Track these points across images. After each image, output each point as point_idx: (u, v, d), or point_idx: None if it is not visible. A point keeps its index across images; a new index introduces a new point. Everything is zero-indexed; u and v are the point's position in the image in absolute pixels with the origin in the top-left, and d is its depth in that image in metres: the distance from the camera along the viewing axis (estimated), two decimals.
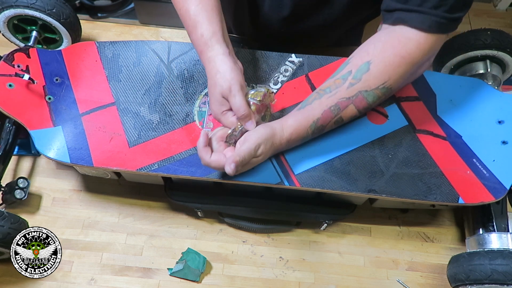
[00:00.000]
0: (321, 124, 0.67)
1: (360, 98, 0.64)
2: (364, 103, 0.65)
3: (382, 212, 0.88)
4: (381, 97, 0.65)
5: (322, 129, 0.68)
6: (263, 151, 0.65)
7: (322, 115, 0.66)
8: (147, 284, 0.79)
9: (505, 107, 0.79)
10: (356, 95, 0.64)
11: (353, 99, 0.65)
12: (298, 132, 0.67)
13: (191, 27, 0.66)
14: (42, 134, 0.73)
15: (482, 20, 1.19)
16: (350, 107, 0.65)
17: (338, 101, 0.65)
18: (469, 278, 0.69)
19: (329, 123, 0.68)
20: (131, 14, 1.09)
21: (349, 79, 0.64)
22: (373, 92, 0.64)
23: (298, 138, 0.68)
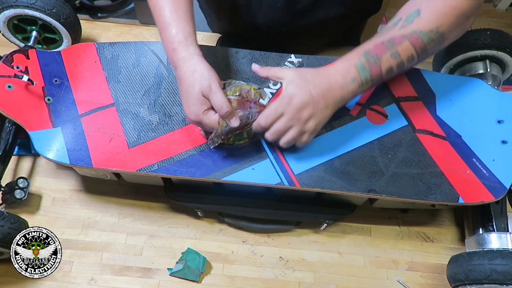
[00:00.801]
0: (375, 54, 0.64)
1: (415, 37, 0.63)
2: (419, 42, 0.63)
3: (382, 212, 0.88)
4: (435, 41, 0.64)
5: (377, 59, 0.64)
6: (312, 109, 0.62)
7: (375, 46, 0.64)
8: (147, 284, 0.79)
9: (504, 106, 0.79)
10: (411, 33, 0.63)
11: (408, 36, 0.63)
12: (348, 63, 0.64)
13: (165, 24, 0.66)
14: (41, 135, 0.73)
15: (482, 20, 1.19)
16: (405, 44, 0.64)
17: (392, 37, 0.64)
18: (469, 278, 0.69)
19: (385, 56, 0.64)
20: (131, 14, 1.09)
21: (400, 23, 0.64)
22: (428, 33, 0.63)
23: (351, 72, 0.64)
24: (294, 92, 0.62)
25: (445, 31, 0.64)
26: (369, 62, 0.63)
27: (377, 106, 0.78)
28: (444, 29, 0.63)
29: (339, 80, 0.64)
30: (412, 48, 0.64)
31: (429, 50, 0.65)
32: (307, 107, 0.62)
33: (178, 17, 0.66)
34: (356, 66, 0.64)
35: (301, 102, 0.62)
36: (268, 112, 0.64)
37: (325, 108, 0.64)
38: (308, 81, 0.63)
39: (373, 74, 0.64)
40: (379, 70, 0.64)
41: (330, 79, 0.64)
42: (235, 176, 0.71)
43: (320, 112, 0.64)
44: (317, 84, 0.63)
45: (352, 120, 0.77)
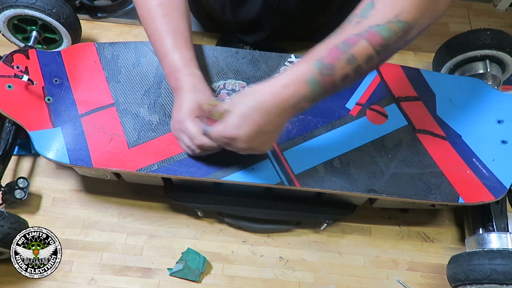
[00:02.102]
0: (329, 62, 0.54)
1: (372, 33, 0.53)
2: (378, 38, 0.53)
3: (382, 212, 0.88)
4: (398, 33, 0.54)
5: (331, 69, 0.54)
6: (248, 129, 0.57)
7: (328, 53, 0.55)
8: (147, 284, 0.79)
9: (504, 106, 0.79)
10: (367, 30, 0.54)
11: (363, 34, 0.54)
12: (299, 78, 0.55)
13: (166, 52, 0.70)
14: (41, 135, 0.73)
15: (482, 20, 1.19)
16: (362, 43, 0.54)
17: (346, 39, 0.54)
18: (469, 278, 0.69)
19: (340, 63, 0.54)
20: (131, 14, 1.09)
21: (355, 20, 0.55)
22: (387, 26, 0.53)
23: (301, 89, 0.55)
24: (239, 124, 0.57)
25: (408, 19, 0.53)
26: (323, 74, 0.54)
27: (377, 106, 0.78)
28: (406, 17, 0.53)
29: (288, 100, 0.56)
30: (370, 48, 0.54)
31: (393, 45, 0.55)
32: (256, 139, 0.59)
33: (180, 45, 0.69)
34: (307, 82, 0.55)
35: (247, 135, 0.58)
36: (213, 138, 0.62)
37: (275, 131, 0.60)
38: (252, 108, 0.56)
39: (326, 86, 0.55)
40: (333, 81, 0.55)
41: (278, 101, 0.56)
42: (235, 176, 0.71)
43: (270, 136, 0.60)
44: (263, 110, 0.56)
45: (352, 120, 0.77)
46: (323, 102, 0.77)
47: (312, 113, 0.77)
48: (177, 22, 0.71)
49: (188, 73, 0.69)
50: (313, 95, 0.56)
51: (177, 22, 0.71)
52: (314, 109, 0.77)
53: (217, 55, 0.81)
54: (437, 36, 1.03)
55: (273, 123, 0.58)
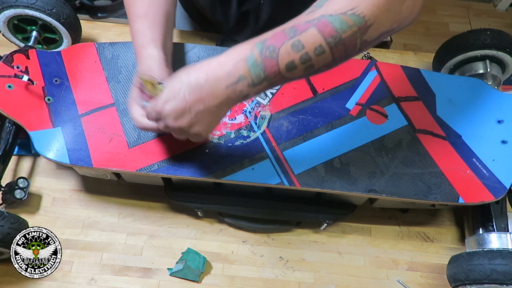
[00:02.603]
0: (271, 44, 0.50)
1: (323, 22, 0.49)
2: (329, 28, 0.48)
3: (382, 212, 0.88)
4: (353, 27, 0.49)
5: (273, 51, 0.50)
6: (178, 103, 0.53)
7: (273, 35, 0.51)
8: (147, 284, 0.79)
9: (504, 106, 0.79)
10: (319, 18, 0.49)
11: (314, 22, 0.49)
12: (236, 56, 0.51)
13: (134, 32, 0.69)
14: (41, 135, 0.73)
15: (482, 20, 1.19)
16: (311, 30, 0.49)
17: (296, 24, 0.50)
18: (469, 278, 0.69)
19: (285, 47, 0.49)
20: None
21: (308, 10, 0.51)
22: (340, 17, 0.48)
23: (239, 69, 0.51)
24: (167, 98, 0.55)
25: (366, 15, 0.48)
26: (263, 54, 0.50)
27: (377, 106, 0.78)
28: (362, 12, 0.48)
29: (222, 79, 0.52)
30: (319, 36, 0.49)
31: (347, 40, 0.49)
32: (184, 116, 0.55)
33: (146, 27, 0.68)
34: (246, 60, 0.51)
35: (174, 111, 0.54)
36: (146, 112, 0.60)
37: (207, 113, 0.54)
38: (183, 82, 0.54)
39: (268, 71, 0.50)
40: (276, 66, 0.50)
41: (211, 78, 0.52)
42: (235, 176, 0.71)
43: (202, 117, 0.55)
44: (194, 87, 0.53)
45: (352, 120, 0.77)
46: (323, 102, 0.77)
47: (312, 113, 0.77)
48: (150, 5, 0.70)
49: (145, 54, 0.67)
50: (252, 77, 0.51)
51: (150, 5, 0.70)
52: (314, 109, 0.77)
53: (217, 55, 0.81)
54: (437, 36, 1.03)
55: (204, 103, 0.53)
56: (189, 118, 0.54)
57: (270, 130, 0.75)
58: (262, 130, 0.75)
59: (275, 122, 0.76)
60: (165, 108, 0.55)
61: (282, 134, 0.75)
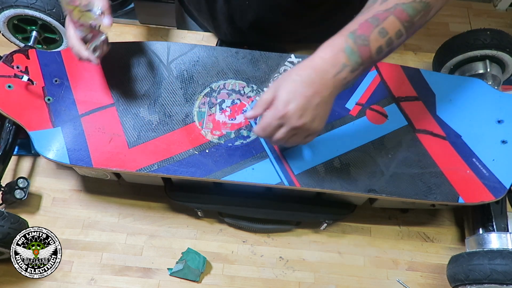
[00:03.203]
0: (362, 33, 0.57)
1: (399, 10, 0.58)
2: (405, 15, 0.58)
3: (382, 212, 0.88)
4: (420, 12, 0.59)
5: (365, 39, 0.57)
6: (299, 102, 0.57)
7: (360, 26, 0.58)
8: (147, 284, 0.79)
9: (504, 106, 0.79)
10: (394, 7, 0.58)
11: (391, 11, 0.58)
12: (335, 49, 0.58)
13: None
14: (41, 135, 0.73)
15: (482, 20, 1.19)
16: (390, 18, 0.58)
17: (375, 14, 0.58)
18: (469, 278, 0.69)
19: (373, 34, 0.57)
20: (131, 14, 1.09)
21: (378, 0, 0.59)
22: (411, 4, 0.58)
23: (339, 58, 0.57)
24: (288, 99, 0.58)
25: (429, 1, 0.58)
26: (357, 44, 0.57)
27: (377, 106, 0.78)
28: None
29: (329, 70, 0.58)
30: (398, 23, 0.58)
31: (416, 22, 0.59)
32: (306, 112, 0.58)
33: None
34: (344, 50, 0.57)
35: (298, 109, 0.58)
36: (265, 125, 0.60)
37: (323, 104, 0.59)
38: (297, 82, 0.58)
39: (364, 56, 0.58)
40: (369, 51, 0.58)
41: (320, 72, 0.58)
42: (235, 176, 0.71)
43: (321, 109, 0.59)
44: (308, 82, 0.58)
45: (352, 120, 0.77)
46: None
47: None
48: None
49: None
50: (352, 63, 0.58)
51: None
52: None
53: (217, 55, 0.81)
54: (437, 36, 1.03)
55: (320, 95, 0.58)
56: (311, 113, 0.59)
57: None
58: None
59: None
60: (289, 109, 0.58)
61: None
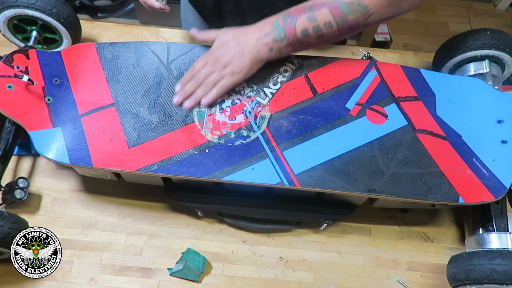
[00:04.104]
0: (292, 15, 0.69)
1: (334, 6, 0.67)
2: (338, 11, 0.67)
3: (382, 212, 0.88)
4: (356, 13, 0.67)
5: (293, 19, 0.69)
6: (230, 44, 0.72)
7: (295, 9, 0.70)
8: (147, 284, 0.79)
9: (504, 106, 0.79)
10: (331, 2, 0.67)
11: (327, 4, 0.67)
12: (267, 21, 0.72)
13: None
14: (41, 135, 0.73)
15: (482, 20, 1.19)
16: (324, 10, 0.68)
17: (313, 4, 0.69)
18: (469, 278, 0.69)
19: (301, 18, 0.69)
20: (131, 14, 1.09)
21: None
22: (348, 4, 0.66)
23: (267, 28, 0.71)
24: (215, 45, 0.74)
25: (368, 5, 0.66)
26: (285, 21, 0.69)
27: (377, 106, 0.78)
28: (366, 3, 0.66)
29: (254, 33, 0.72)
30: (330, 15, 0.67)
31: (351, 21, 0.67)
32: (225, 53, 0.72)
33: None
34: (272, 23, 0.71)
35: (219, 50, 0.73)
36: (196, 63, 0.76)
37: (241, 56, 0.72)
38: (229, 35, 0.73)
39: (287, 33, 0.70)
40: (294, 30, 0.69)
41: (248, 33, 0.72)
42: (235, 176, 0.71)
43: (237, 58, 0.72)
44: (236, 36, 0.73)
45: (352, 120, 0.77)
46: (323, 102, 0.77)
47: (312, 113, 0.77)
48: None
49: None
50: (275, 35, 0.70)
51: None
52: (314, 109, 0.77)
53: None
54: (437, 36, 1.03)
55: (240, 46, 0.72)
56: (228, 56, 0.73)
57: (270, 130, 0.75)
58: (262, 130, 0.75)
59: (275, 122, 0.76)
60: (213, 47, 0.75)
61: (282, 134, 0.75)
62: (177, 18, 1.17)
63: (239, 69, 0.73)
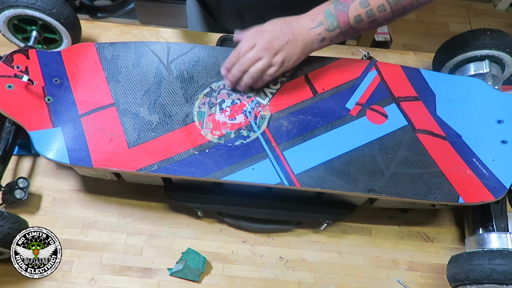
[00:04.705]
0: (344, 1, 0.67)
1: None
2: None
3: (382, 212, 0.88)
4: None
5: (345, 6, 0.67)
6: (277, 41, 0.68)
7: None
8: (147, 284, 0.79)
9: (504, 106, 0.79)
10: None
11: None
12: (318, 9, 0.69)
13: None
14: (41, 135, 0.73)
15: (482, 20, 1.19)
16: None
17: None
18: (469, 278, 0.69)
19: (354, 4, 0.66)
20: (131, 14, 1.09)
21: None
22: None
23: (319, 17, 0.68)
24: (266, 28, 0.70)
25: None
26: (337, 9, 0.67)
27: (377, 106, 0.78)
28: None
29: (307, 22, 0.69)
30: None
31: (405, 2, 0.66)
32: (277, 39, 0.68)
33: None
34: (324, 12, 0.68)
35: (271, 33, 0.68)
36: (242, 43, 0.71)
37: (293, 44, 0.69)
38: (280, 21, 0.70)
39: (340, 21, 0.67)
40: (347, 17, 0.67)
41: (300, 21, 0.70)
42: (235, 176, 0.71)
43: (289, 46, 0.69)
44: (288, 23, 0.69)
45: (352, 120, 0.77)
46: (323, 102, 0.77)
47: (312, 113, 0.77)
48: None
49: None
50: (328, 24, 0.68)
51: None
52: (314, 109, 0.77)
53: (217, 55, 0.81)
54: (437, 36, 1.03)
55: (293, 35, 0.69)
56: (280, 43, 0.68)
57: (270, 130, 0.75)
58: (262, 130, 0.75)
59: (275, 122, 0.76)
60: (265, 33, 0.69)
61: (282, 134, 0.75)
62: (177, 18, 1.17)
63: (289, 58, 0.70)
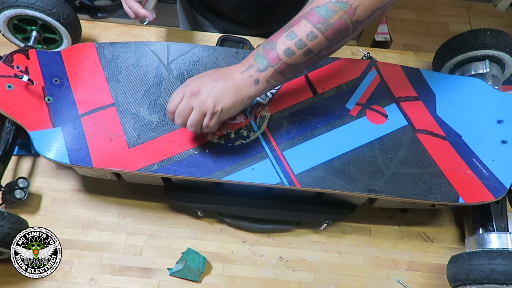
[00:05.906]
0: (271, 40, 0.62)
1: (311, 13, 0.59)
2: (317, 17, 0.58)
3: (382, 212, 0.88)
4: (338, 12, 0.58)
5: (273, 44, 0.62)
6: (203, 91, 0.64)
7: (273, 35, 0.63)
8: (147, 284, 0.79)
9: (504, 106, 0.79)
10: (308, 11, 0.60)
11: (304, 15, 0.60)
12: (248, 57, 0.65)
13: None
14: (41, 135, 0.73)
15: (482, 20, 1.19)
16: (302, 22, 0.60)
17: (291, 22, 0.62)
18: (469, 278, 0.69)
19: (280, 39, 0.61)
20: None
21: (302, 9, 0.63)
22: (325, 6, 0.58)
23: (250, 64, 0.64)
24: (195, 77, 0.67)
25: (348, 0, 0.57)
26: (265, 49, 0.63)
27: (377, 106, 0.78)
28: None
29: (238, 67, 0.66)
30: (309, 25, 0.59)
31: (337, 24, 0.58)
32: (205, 84, 0.65)
33: None
34: (253, 55, 0.65)
35: (199, 80, 0.65)
36: (171, 97, 0.67)
37: (224, 88, 0.64)
38: (211, 70, 0.68)
39: (270, 58, 0.62)
40: (276, 53, 0.61)
41: (231, 68, 0.66)
42: (235, 176, 0.71)
43: (219, 90, 0.64)
44: (218, 70, 0.67)
45: (352, 120, 0.77)
46: (323, 102, 0.77)
47: (312, 113, 0.77)
48: None
49: None
50: (258, 64, 0.63)
51: None
52: (314, 109, 0.77)
53: (217, 55, 0.81)
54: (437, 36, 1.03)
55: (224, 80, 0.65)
56: (208, 88, 0.65)
57: (270, 130, 0.75)
58: (262, 130, 0.75)
59: (275, 122, 0.76)
60: (191, 84, 0.66)
61: (282, 134, 0.75)
62: (176, 18, 1.17)
63: (221, 101, 0.65)
